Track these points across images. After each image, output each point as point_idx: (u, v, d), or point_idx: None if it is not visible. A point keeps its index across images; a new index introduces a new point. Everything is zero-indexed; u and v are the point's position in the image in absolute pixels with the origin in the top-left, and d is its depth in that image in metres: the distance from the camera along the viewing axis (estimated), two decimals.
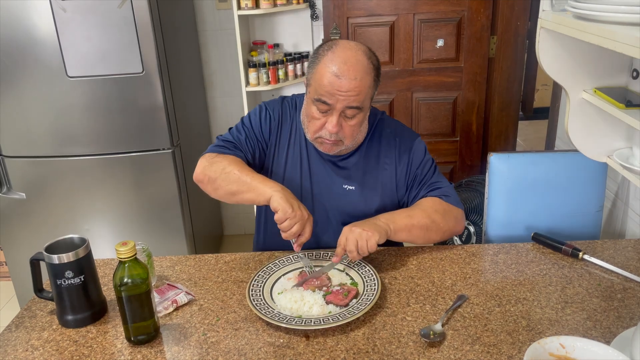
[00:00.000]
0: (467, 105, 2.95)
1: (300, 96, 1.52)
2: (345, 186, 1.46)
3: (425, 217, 1.36)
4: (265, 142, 1.46)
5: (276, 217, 1.23)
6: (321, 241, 1.47)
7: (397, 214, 1.37)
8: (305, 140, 1.46)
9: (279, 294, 1.22)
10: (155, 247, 1.38)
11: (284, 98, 1.52)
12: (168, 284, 1.28)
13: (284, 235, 1.25)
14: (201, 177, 1.38)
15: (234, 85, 2.95)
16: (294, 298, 1.19)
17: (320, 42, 2.90)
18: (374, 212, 1.44)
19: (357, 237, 1.25)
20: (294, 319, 1.11)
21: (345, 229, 1.28)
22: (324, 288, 1.23)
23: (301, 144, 1.46)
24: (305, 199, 1.46)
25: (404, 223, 1.34)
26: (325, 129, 1.32)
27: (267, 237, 1.54)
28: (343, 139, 1.35)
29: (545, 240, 1.40)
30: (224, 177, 1.33)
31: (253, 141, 1.45)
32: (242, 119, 1.50)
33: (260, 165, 1.47)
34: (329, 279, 1.27)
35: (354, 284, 1.24)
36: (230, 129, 1.49)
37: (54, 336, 1.14)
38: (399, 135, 1.48)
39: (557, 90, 2.36)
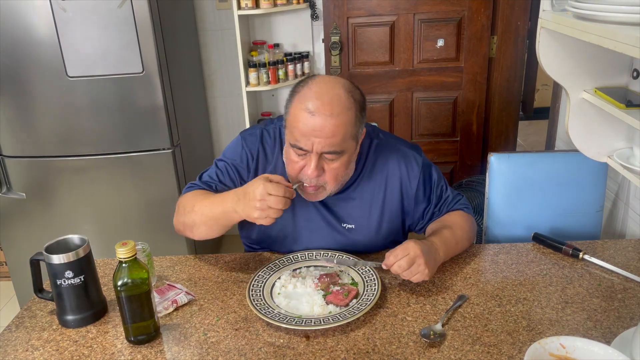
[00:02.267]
0: (468, 105, 2.95)
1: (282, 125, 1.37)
2: (345, 225, 1.38)
3: (467, 239, 1.37)
4: (246, 181, 1.34)
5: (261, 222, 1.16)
6: None
7: (449, 242, 1.29)
8: None
9: (278, 294, 1.22)
10: (155, 247, 1.38)
11: (262, 131, 1.39)
12: (168, 284, 1.28)
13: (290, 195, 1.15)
14: (177, 227, 1.35)
15: (234, 85, 2.95)
16: (294, 298, 1.19)
17: (321, 42, 2.90)
18: (379, 245, 1.41)
19: (415, 268, 1.15)
20: (294, 319, 1.11)
21: (412, 247, 1.16)
22: (331, 286, 1.23)
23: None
24: (302, 239, 1.38)
25: (454, 251, 1.33)
26: (305, 174, 1.21)
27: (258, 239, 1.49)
28: (325, 185, 1.24)
29: (546, 240, 1.40)
30: (192, 216, 1.28)
31: (230, 177, 1.37)
32: (217, 159, 1.41)
33: None
34: (338, 276, 1.27)
35: (354, 284, 1.24)
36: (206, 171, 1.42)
37: (54, 336, 1.14)
38: (402, 160, 1.37)
39: (557, 90, 2.36)
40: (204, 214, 1.27)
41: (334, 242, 1.39)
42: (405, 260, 1.15)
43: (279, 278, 1.28)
